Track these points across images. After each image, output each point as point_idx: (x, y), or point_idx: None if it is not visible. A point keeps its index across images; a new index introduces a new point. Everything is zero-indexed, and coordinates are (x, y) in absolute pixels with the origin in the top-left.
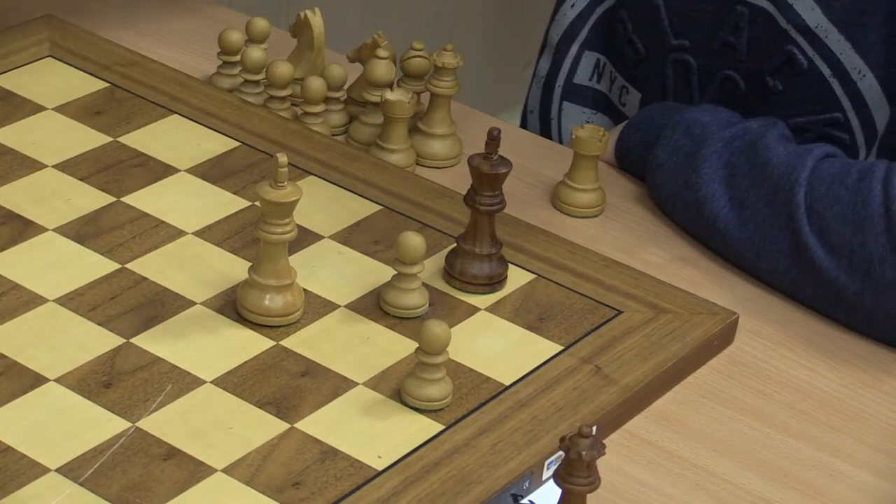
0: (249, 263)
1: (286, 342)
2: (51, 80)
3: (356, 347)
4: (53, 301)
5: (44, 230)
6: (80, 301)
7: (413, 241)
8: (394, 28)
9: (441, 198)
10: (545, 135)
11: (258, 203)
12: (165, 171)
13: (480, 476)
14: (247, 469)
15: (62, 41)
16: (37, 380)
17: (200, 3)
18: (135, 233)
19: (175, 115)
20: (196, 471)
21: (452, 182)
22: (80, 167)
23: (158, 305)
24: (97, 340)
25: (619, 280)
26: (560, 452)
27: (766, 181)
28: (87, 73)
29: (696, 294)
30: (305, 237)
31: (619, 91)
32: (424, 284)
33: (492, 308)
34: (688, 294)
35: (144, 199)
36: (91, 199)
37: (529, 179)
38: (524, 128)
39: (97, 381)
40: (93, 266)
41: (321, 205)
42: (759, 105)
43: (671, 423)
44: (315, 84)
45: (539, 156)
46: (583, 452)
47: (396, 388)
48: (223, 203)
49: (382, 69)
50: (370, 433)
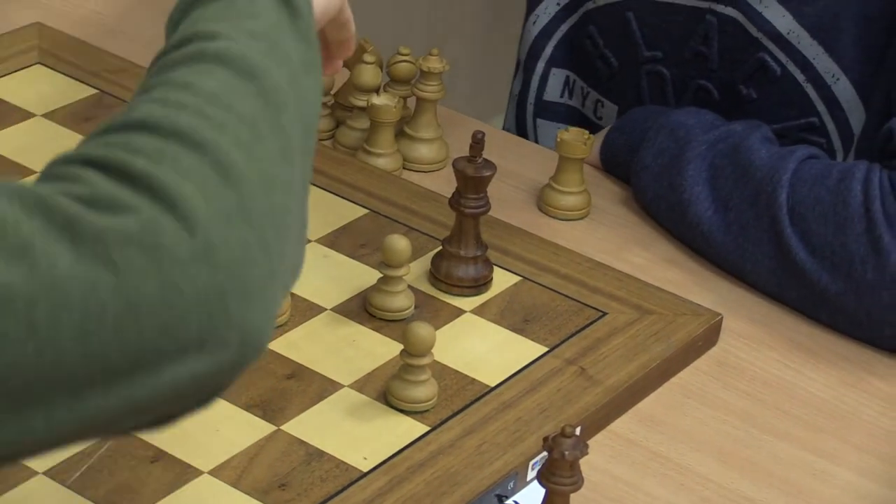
0: None
1: (272, 345)
2: (39, 87)
3: (342, 350)
4: None
5: None
6: None
7: (399, 244)
8: (381, 34)
9: (427, 201)
10: None
11: None
12: None
13: (465, 477)
14: (233, 471)
15: (51, 48)
16: None
17: None
18: None
19: None
20: (183, 473)
21: (439, 186)
22: None
23: None
24: None
25: (604, 282)
26: (544, 453)
27: (750, 183)
28: (76, 80)
29: (681, 295)
30: None
31: (594, 105)
32: (410, 287)
33: (477, 310)
34: (672, 295)
35: None
36: None
37: (515, 182)
38: None
39: None
40: None
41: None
42: (734, 114)
43: (656, 424)
44: None
45: (524, 159)
46: (566, 452)
47: (382, 390)
48: None
49: (369, 74)
50: (356, 435)
